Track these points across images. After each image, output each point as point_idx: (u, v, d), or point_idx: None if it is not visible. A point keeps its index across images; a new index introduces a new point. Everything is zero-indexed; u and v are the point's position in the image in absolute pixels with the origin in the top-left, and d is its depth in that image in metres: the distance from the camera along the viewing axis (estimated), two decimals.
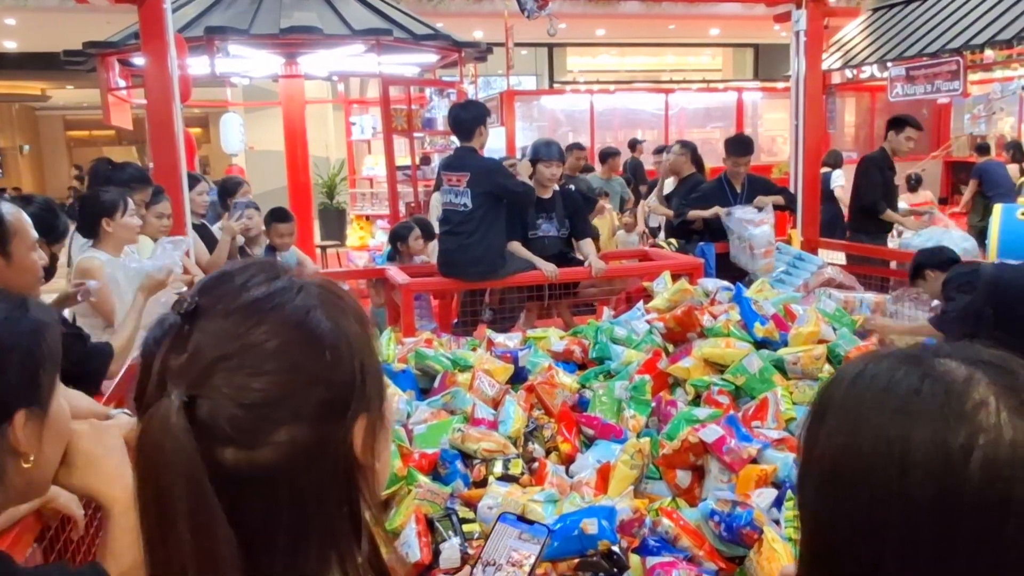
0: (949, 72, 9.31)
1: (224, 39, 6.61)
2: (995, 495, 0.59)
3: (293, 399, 0.65)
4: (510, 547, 1.10)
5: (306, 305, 0.68)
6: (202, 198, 4.85)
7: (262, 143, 12.75)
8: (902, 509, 0.62)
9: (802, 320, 2.92)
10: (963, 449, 0.60)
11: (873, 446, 0.64)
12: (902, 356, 0.68)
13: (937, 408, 0.62)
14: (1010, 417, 0.60)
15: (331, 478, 0.68)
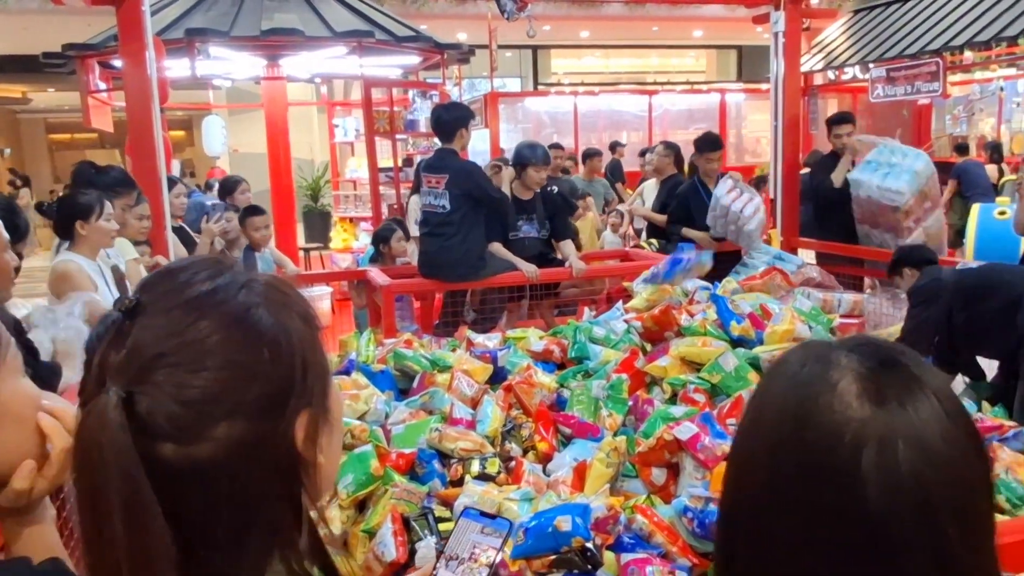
0: (929, 73, 9.39)
1: (205, 41, 6.59)
2: (821, 465, 0.64)
3: (231, 395, 0.66)
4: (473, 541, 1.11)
5: (248, 302, 0.69)
6: (179, 200, 4.83)
7: (246, 145, 12.71)
8: (754, 470, 0.69)
9: (778, 318, 2.94)
10: (801, 420, 0.66)
11: (752, 414, 0.72)
12: (818, 343, 0.74)
13: (801, 382, 0.69)
14: (854, 401, 0.65)
15: (271, 473, 0.68)
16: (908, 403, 0.65)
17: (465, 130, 4.49)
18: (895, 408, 0.65)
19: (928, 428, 0.64)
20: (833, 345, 0.71)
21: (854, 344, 0.71)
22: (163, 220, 4.27)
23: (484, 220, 4.50)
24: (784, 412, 0.68)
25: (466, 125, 4.50)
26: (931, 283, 3.77)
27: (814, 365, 0.69)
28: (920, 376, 0.67)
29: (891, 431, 0.63)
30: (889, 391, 0.65)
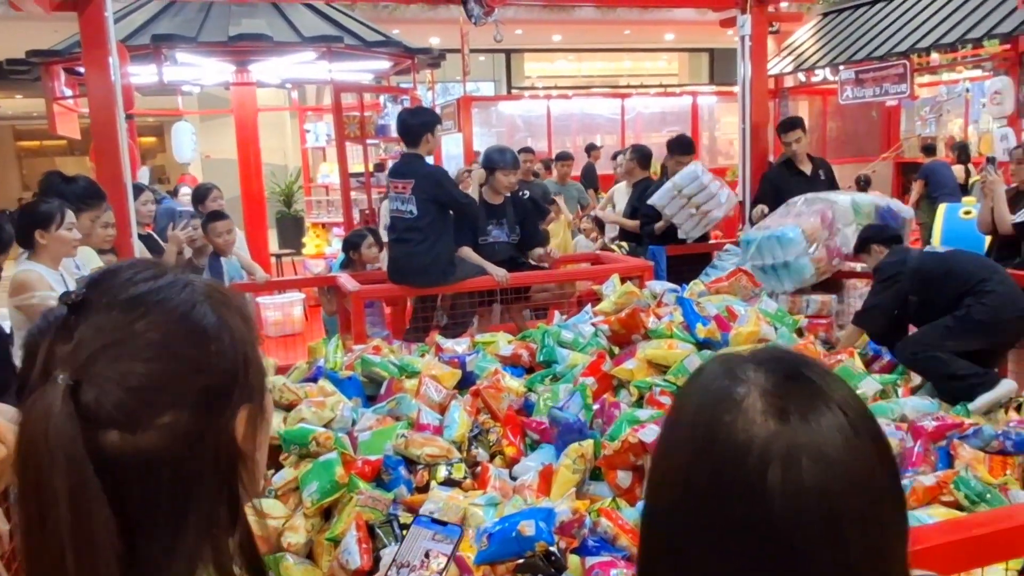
0: (896, 75, 9.54)
1: (171, 47, 6.54)
2: (728, 480, 0.66)
3: (177, 385, 0.67)
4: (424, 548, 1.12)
5: (191, 299, 0.71)
6: (147, 208, 4.78)
7: (218, 151, 12.61)
8: (668, 484, 0.70)
9: (743, 320, 2.96)
10: (710, 435, 0.67)
11: (670, 423, 0.73)
12: (731, 355, 0.75)
13: (710, 398, 0.70)
14: (758, 416, 0.66)
15: (212, 465, 0.70)
16: (812, 417, 0.66)
17: (431, 135, 4.45)
18: (799, 423, 0.65)
19: (831, 441, 0.65)
20: (742, 359, 0.73)
21: (762, 358, 0.72)
22: (128, 228, 4.22)
23: (453, 225, 4.49)
24: (696, 428, 0.69)
25: (431, 130, 4.46)
26: (895, 262, 3.84)
27: (723, 380, 0.70)
28: (825, 388, 0.68)
29: (795, 446, 0.64)
30: (793, 406, 0.66)
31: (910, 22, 10.27)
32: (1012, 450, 2.43)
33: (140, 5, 7.23)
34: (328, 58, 7.20)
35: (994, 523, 1.65)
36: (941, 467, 2.39)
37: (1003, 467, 2.39)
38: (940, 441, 2.49)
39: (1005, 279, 3.70)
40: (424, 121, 4.47)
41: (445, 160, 11.55)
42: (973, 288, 3.57)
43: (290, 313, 7.38)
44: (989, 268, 3.77)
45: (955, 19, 9.41)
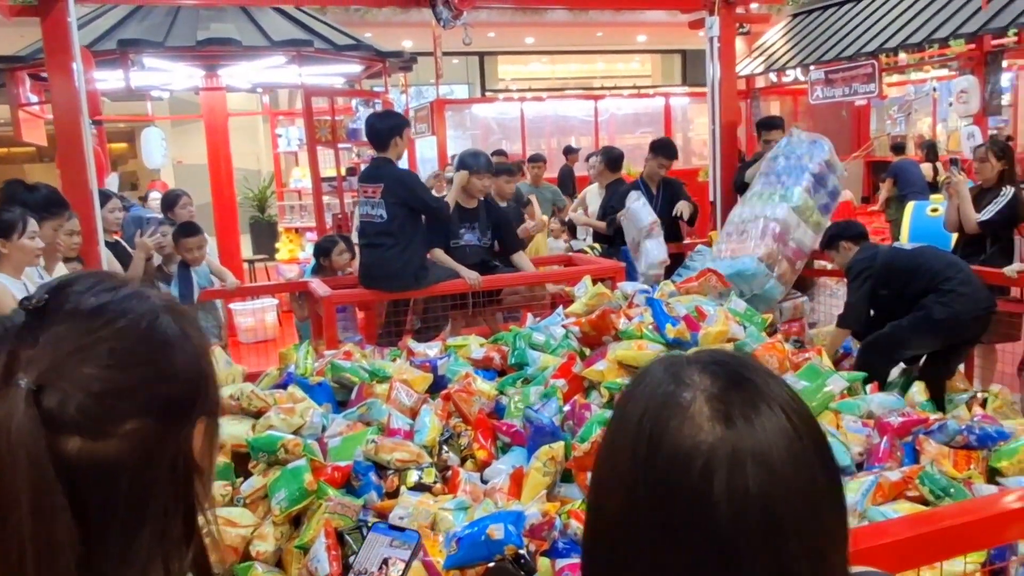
0: (865, 75, 9.63)
1: (138, 52, 6.47)
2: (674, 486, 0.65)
3: (141, 392, 0.67)
4: (382, 554, 1.11)
5: (154, 310, 0.72)
6: (114, 215, 4.71)
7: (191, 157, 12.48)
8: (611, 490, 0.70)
9: (712, 320, 2.98)
10: (655, 441, 0.67)
11: (611, 431, 0.73)
12: (672, 358, 0.75)
13: (655, 403, 0.69)
14: (705, 421, 0.66)
15: (170, 475, 0.70)
16: (756, 421, 0.66)
17: (400, 138, 4.41)
18: (743, 427, 0.65)
19: (775, 445, 0.65)
20: (685, 362, 0.72)
21: (706, 361, 0.72)
22: (95, 235, 4.16)
23: (424, 228, 4.47)
24: (639, 434, 0.68)
25: (400, 133, 4.43)
26: (866, 259, 3.95)
27: (667, 385, 0.70)
28: (768, 392, 0.68)
29: (740, 451, 0.64)
30: (736, 410, 0.66)
31: (878, 22, 10.39)
32: (976, 445, 2.46)
33: (106, 10, 7.13)
34: (298, 62, 7.16)
35: (958, 516, 1.66)
36: (907, 462, 2.42)
37: (967, 462, 2.42)
38: (906, 437, 2.52)
39: (968, 278, 3.78)
40: (392, 125, 4.44)
41: (419, 163, 11.52)
42: (937, 285, 3.66)
43: (263, 319, 7.32)
44: (954, 267, 3.84)
45: (921, 19, 9.54)
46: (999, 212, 4.48)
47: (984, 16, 8.40)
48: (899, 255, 3.97)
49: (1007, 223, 4.56)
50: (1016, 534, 1.77)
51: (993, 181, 4.61)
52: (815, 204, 4.93)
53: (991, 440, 2.46)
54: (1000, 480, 2.37)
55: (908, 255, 3.94)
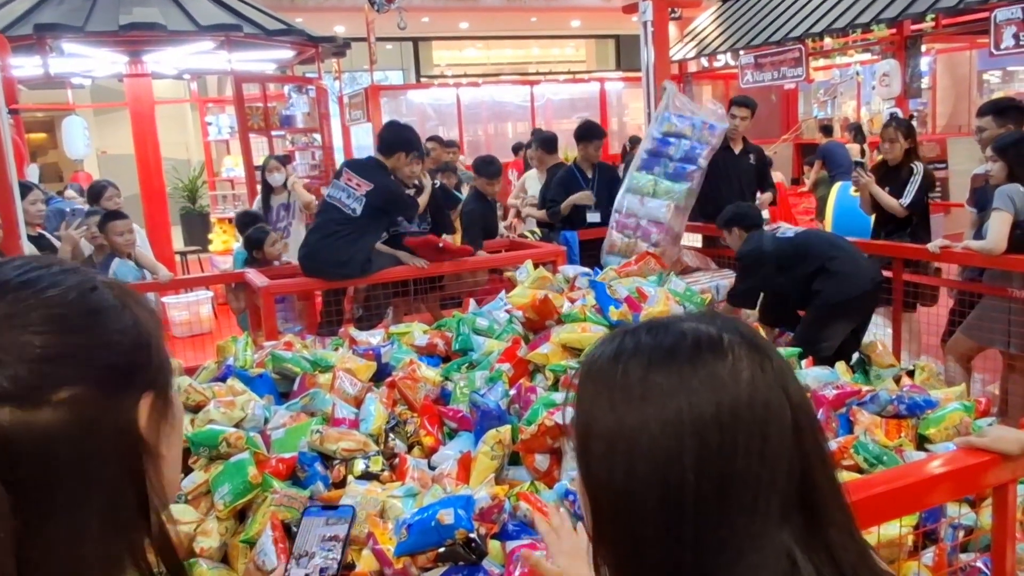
0: (793, 59, 9.89)
1: (57, 37, 6.20)
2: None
3: (76, 358, 0.66)
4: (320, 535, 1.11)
5: (89, 283, 0.70)
6: (36, 207, 4.53)
7: (115, 147, 12.09)
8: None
9: (652, 300, 3.02)
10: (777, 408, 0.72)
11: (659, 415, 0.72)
12: (650, 325, 0.77)
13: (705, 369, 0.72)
14: (747, 360, 0.73)
15: (113, 447, 0.68)
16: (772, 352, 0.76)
17: (404, 155, 4.47)
18: (745, 350, 0.74)
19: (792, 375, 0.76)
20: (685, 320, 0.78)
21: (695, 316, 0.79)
22: (16, 228, 3.99)
23: (380, 229, 4.51)
24: (715, 403, 0.71)
25: (407, 150, 4.47)
26: (754, 250, 4.14)
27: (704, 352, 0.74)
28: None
29: (761, 365, 0.73)
30: (730, 342, 0.74)
31: (804, 7, 10.64)
32: (906, 413, 2.56)
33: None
34: (227, 47, 6.97)
35: (891, 482, 1.73)
36: (842, 433, 2.50)
37: (898, 430, 2.51)
38: (840, 409, 2.60)
39: (851, 256, 4.03)
40: (403, 139, 4.51)
41: (355, 151, 11.37)
42: (823, 265, 3.92)
43: (198, 312, 7.14)
44: (837, 247, 4.08)
45: (845, 4, 9.79)
46: (918, 191, 4.69)
47: (904, 2, 8.67)
48: (783, 243, 4.15)
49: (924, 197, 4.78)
50: (943, 496, 1.85)
51: (899, 159, 4.81)
52: (655, 176, 5.25)
53: (919, 409, 2.56)
54: (928, 447, 2.47)
55: (792, 242, 4.14)
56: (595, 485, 0.75)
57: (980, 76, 12.20)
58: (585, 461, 0.75)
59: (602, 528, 0.75)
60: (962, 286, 4.31)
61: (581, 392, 0.78)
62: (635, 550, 0.73)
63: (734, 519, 0.70)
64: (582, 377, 0.78)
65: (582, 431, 0.76)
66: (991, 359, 4.32)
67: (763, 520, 0.71)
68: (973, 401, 2.67)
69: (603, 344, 0.79)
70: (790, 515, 0.72)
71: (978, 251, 3.86)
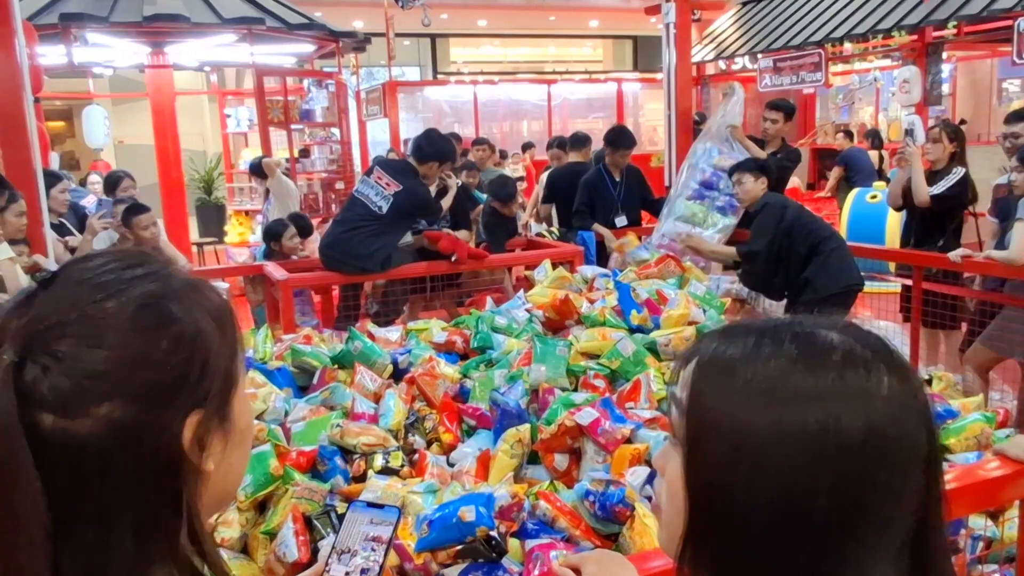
0: (812, 64, 9.83)
1: (81, 27, 6.24)
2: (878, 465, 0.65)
3: (119, 375, 0.66)
4: (363, 532, 1.11)
5: (159, 292, 0.70)
6: (64, 196, 4.57)
7: (132, 137, 12.15)
8: (830, 478, 0.65)
9: (673, 303, 3.02)
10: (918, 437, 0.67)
11: (800, 426, 0.65)
12: (790, 325, 0.71)
13: (854, 385, 0.66)
14: (898, 385, 0.66)
15: (150, 464, 0.68)
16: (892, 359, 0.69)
17: (437, 165, 4.53)
18: (873, 375, 0.66)
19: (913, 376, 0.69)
20: (772, 335, 0.70)
21: (840, 326, 0.71)
22: (40, 216, 4.02)
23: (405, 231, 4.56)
24: (824, 421, 0.64)
25: (440, 160, 4.53)
26: (778, 203, 4.21)
27: (795, 368, 0.66)
28: None
29: (913, 394, 0.67)
30: (879, 360, 0.68)
31: (824, 12, 10.60)
32: None
33: None
34: (249, 40, 7.00)
35: None
36: None
37: None
38: None
39: (846, 251, 4.13)
40: (439, 151, 4.54)
41: (371, 146, 11.40)
42: (818, 244, 4.02)
43: None
44: (836, 237, 4.21)
45: (866, 10, 9.76)
46: (951, 188, 4.53)
47: (926, 9, 8.63)
48: (804, 213, 4.23)
49: (957, 202, 4.63)
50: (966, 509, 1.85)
51: (944, 162, 4.68)
52: (706, 207, 5.24)
53: (940, 419, 2.55)
54: (948, 457, 2.46)
55: (809, 216, 4.24)
56: (705, 487, 0.68)
57: (1000, 84, 12.12)
58: (696, 460, 0.69)
59: (701, 533, 0.69)
60: (983, 296, 4.28)
61: (700, 384, 0.70)
62: (737, 563, 0.67)
63: (854, 553, 0.65)
64: (703, 369, 0.70)
65: (698, 425, 0.69)
66: (1010, 370, 4.29)
67: (880, 558, 0.66)
68: (994, 412, 2.65)
69: (730, 337, 0.72)
70: (903, 556, 0.68)
71: (1000, 261, 3.84)
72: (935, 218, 4.65)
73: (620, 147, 5.56)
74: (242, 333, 0.77)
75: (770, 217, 4.13)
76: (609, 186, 5.51)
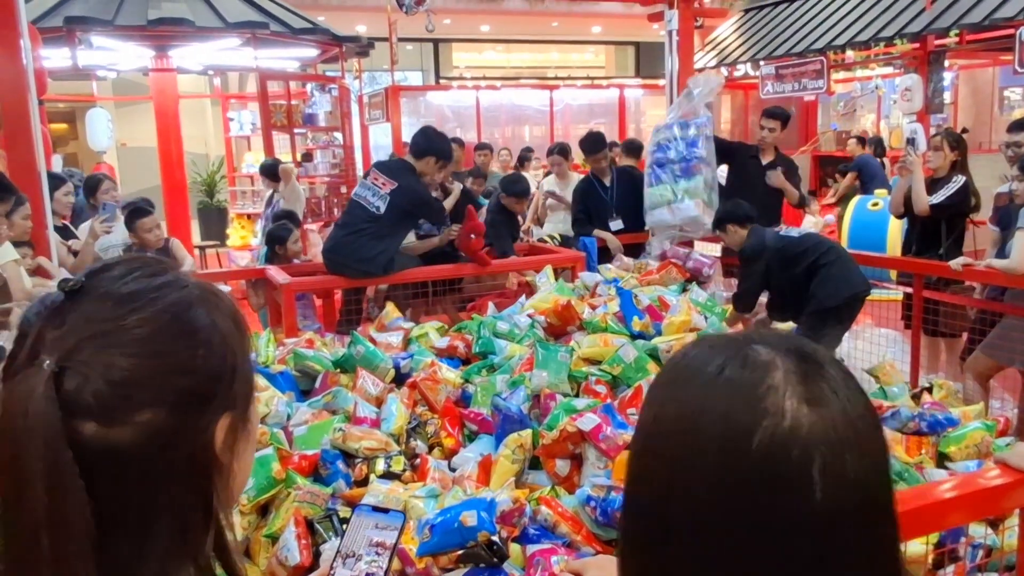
0: (814, 71, 9.86)
1: (86, 30, 6.27)
2: (770, 475, 0.62)
3: (158, 383, 0.68)
4: (368, 537, 1.11)
5: (186, 299, 0.72)
6: (68, 199, 4.59)
7: (135, 139, 12.17)
8: (689, 480, 0.65)
9: (675, 310, 3.03)
10: (746, 429, 0.63)
11: (674, 419, 0.67)
12: (722, 340, 0.71)
13: (733, 387, 0.65)
14: (797, 404, 0.63)
15: (186, 467, 0.70)
16: (843, 401, 0.64)
17: (435, 160, 4.48)
18: (835, 409, 0.64)
19: (862, 427, 0.64)
20: (752, 342, 0.69)
21: (774, 341, 0.69)
22: (44, 219, 4.04)
23: (406, 232, 4.54)
24: (729, 423, 0.64)
25: (437, 157, 4.48)
26: (757, 244, 4.17)
27: (750, 370, 0.66)
28: (836, 369, 0.67)
29: (835, 434, 0.63)
30: (825, 392, 0.64)
31: (827, 20, 10.62)
32: (927, 431, 2.56)
33: None
34: (253, 44, 7.03)
35: (912, 501, 1.73)
36: None
37: (918, 447, 2.51)
38: None
39: (845, 260, 4.12)
40: (436, 147, 4.50)
41: (373, 151, 11.42)
42: (817, 261, 4.01)
43: None
44: (834, 249, 4.19)
45: (868, 18, 9.77)
46: (950, 197, 4.53)
47: (928, 17, 8.65)
48: (787, 240, 4.20)
49: (958, 210, 4.63)
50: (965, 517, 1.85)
51: (945, 170, 4.68)
52: (667, 183, 5.28)
53: (941, 427, 2.56)
54: (949, 464, 2.47)
55: (795, 240, 4.20)
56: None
57: (1002, 93, 12.14)
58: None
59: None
60: (984, 304, 4.29)
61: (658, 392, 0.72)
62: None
63: None
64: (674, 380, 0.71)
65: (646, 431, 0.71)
66: (1011, 379, 4.30)
67: None
68: (994, 420, 2.66)
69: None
70: None
71: (1001, 270, 3.84)
72: (936, 226, 4.66)
73: (591, 152, 5.62)
74: (250, 335, 0.80)
75: (752, 262, 4.18)
76: (600, 191, 5.55)
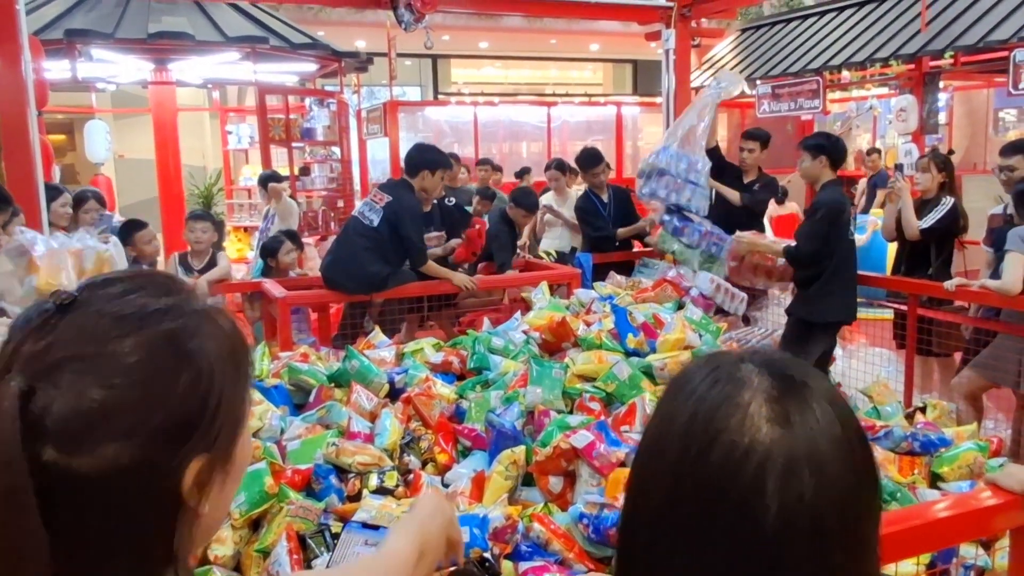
0: (810, 91, 9.92)
1: (86, 43, 6.30)
2: (725, 489, 0.63)
3: (129, 418, 0.64)
4: (357, 553, 1.11)
5: (180, 330, 0.67)
6: (65, 210, 4.60)
7: (132, 151, 12.17)
8: (652, 490, 0.68)
9: (669, 327, 3.04)
10: (706, 442, 0.65)
11: (653, 431, 0.70)
12: (715, 358, 0.73)
13: (699, 402, 0.67)
14: (759, 423, 0.65)
15: (149, 507, 0.66)
16: (811, 425, 0.65)
17: (429, 173, 4.53)
18: (800, 431, 0.64)
19: (828, 452, 0.64)
20: (738, 361, 0.70)
21: (760, 361, 0.70)
22: (41, 230, 4.04)
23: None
24: (692, 429, 0.66)
25: (431, 168, 4.53)
26: (841, 202, 4.23)
27: (724, 384, 0.68)
28: (819, 394, 0.68)
29: (795, 457, 0.63)
30: (794, 413, 0.65)
31: (823, 40, 10.70)
32: (920, 451, 2.56)
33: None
34: (253, 59, 7.07)
35: (905, 521, 1.73)
36: None
37: (911, 467, 2.52)
38: None
39: (853, 276, 4.29)
40: (427, 159, 4.57)
41: (371, 165, 11.44)
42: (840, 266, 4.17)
43: None
44: (855, 254, 4.33)
45: (864, 39, 9.85)
46: (939, 220, 4.62)
47: (923, 38, 8.72)
48: (835, 193, 4.31)
49: (947, 232, 4.70)
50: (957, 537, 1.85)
51: (933, 192, 4.75)
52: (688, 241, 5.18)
53: (933, 447, 2.56)
54: (941, 485, 2.47)
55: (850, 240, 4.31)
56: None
57: (996, 114, 12.23)
58: None
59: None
60: (978, 323, 4.30)
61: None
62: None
63: None
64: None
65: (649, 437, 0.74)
66: (1004, 399, 4.31)
67: None
68: (987, 441, 2.67)
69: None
70: None
71: (994, 291, 3.86)
72: (925, 247, 4.71)
73: (588, 167, 5.66)
74: (254, 363, 0.75)
75: (823, 223, 4.13)
76: (599, 207, 5.59)
